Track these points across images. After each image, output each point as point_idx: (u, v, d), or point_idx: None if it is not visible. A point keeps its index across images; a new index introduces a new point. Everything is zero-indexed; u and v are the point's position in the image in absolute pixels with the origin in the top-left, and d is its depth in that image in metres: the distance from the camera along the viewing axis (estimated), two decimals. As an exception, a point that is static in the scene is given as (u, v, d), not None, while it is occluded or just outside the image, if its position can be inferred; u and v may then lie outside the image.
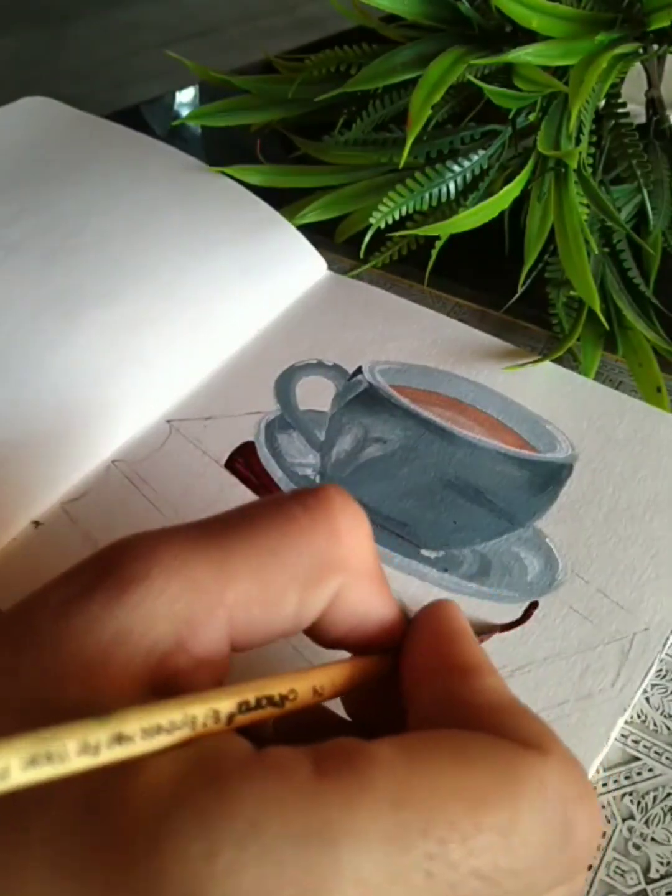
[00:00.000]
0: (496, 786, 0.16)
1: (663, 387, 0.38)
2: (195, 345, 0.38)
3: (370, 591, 0.20)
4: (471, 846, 0.15)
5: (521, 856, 0.16)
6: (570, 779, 0.17)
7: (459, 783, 0.16)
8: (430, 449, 0.34)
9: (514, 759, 0.16)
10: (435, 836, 0.15)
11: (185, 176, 0.44)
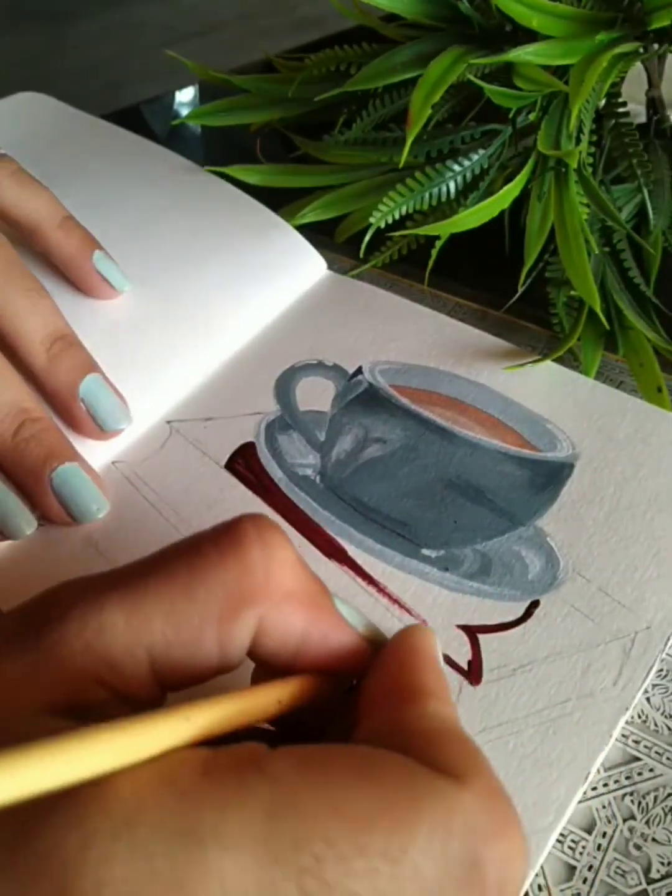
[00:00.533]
0: (392, 809, 0.15)
1: (664, 387, 0.38)
2: (195, 346, 0.38)
3: (299, 616, 0.19)
4: (349, 867, 0.15)
5: (410, 888, 0.15)
6: (488, 813, 0.16)
7: (347, 801, 0.15)
8: (430, 449, 0.34)
9: (422, 785, 0.16)
10: (308, 851, 0.15)
11: (181, 178, 0.44)
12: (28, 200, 0.36)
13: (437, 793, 0.16)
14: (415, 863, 0.15)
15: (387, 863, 0.15)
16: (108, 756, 0.15)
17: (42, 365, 0.33)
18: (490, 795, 0.16)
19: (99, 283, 0.38)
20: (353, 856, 0.15)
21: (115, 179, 0.44)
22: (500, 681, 0.28)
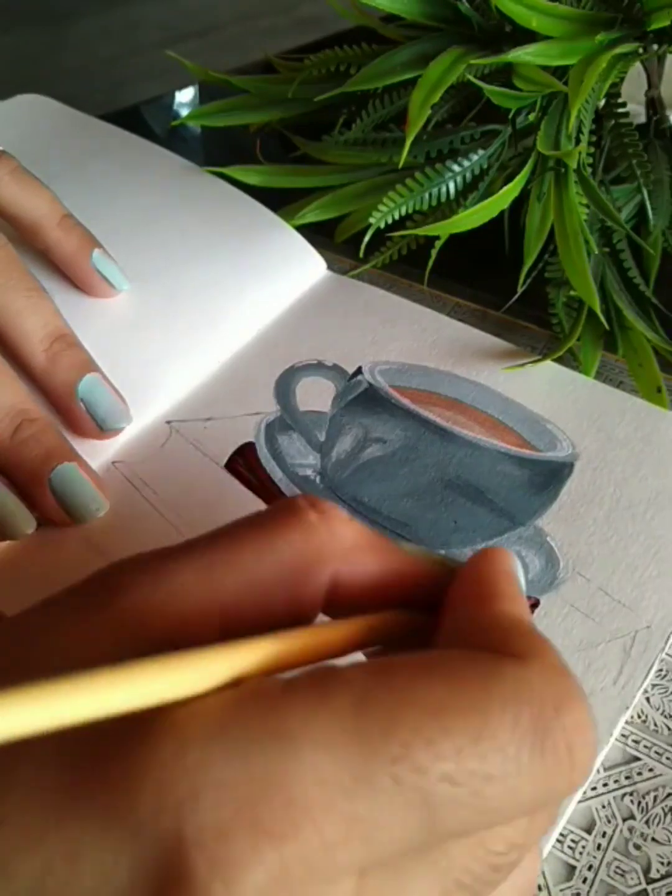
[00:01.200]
0: (464, 692, 0.16)
1: (663, 387, 0.38)
2: (195, 346, 0.38)
3: (369, 561, 0.20)
4: (437, 750, 0.15)
5: (494, 759, 0.15)
6: (552, 686, 0.17)
7: (424, 691, 0.16)
8: (430, 449, 0.34)
9: (488, 667, 0.16)
10: (398, 739, 0.15)
11: (180, 179, 0.44)
12: (28, 198, 0.36)
13: (502, 672, 0.16)
14: (495, 737, 0.15)
15: (470, 740, 0.15)
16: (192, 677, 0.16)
17: (41, 365, 0.33)
18: (553, 670, 0.17)
19: (98, 282, 0.38)
20: (439, 738, 0.15)
21: (115, 180, 0.44)
22: (500, 680, 0.28)
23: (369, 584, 0.20)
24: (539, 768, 0.16)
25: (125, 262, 0.39)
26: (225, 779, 0.14)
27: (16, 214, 0.37)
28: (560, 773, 0.16)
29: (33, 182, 0.37)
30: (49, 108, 0.49)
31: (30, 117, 0.48)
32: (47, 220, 0.37)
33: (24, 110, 0.49)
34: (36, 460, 0.31)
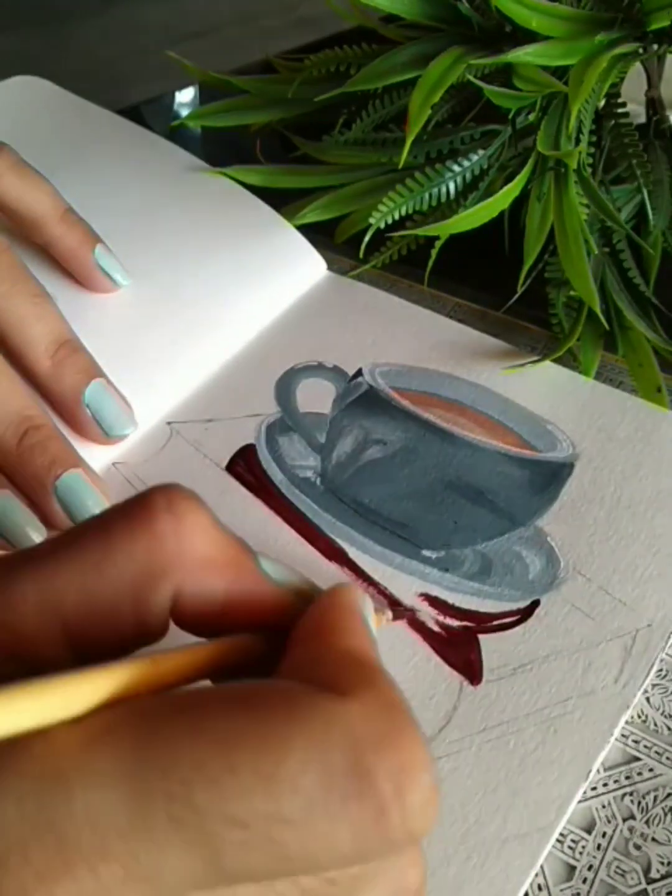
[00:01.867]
0: (263, 726, 0.15)
1: (663, 387, 0.38)
2: (195, 347, 0.38)
3: (217, 580, 0.19)
4: (220, 789, 0.14)
5: (290, 805, 0.14)
6: (375, 724, 0.15)
7: (218, 724, 0.15)
8: (430, 450, 0.34)
9: (299, 702, 0.15)
10: (176, 777, 0.14)
11: (184, 174, 0.44)
12: (29, 193, 0.36)
13: (314, 707, 0.15)
14: (292, 778, 0.14)
15: (260, 780, 0.14)
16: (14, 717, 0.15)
17: (46, 371, 0.33)
18: (379, 706, 0.16)
19: (100, 278, 0.38)
20: (222, 777, 0.14)
21: (116, 171, 0.44)
22: (500, 680, 0.29)
23: (216, 603, 0.19)
24: (356, 815, 0.15)
25: (125, 258, 0.39)
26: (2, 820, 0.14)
27: (17, 209, 0.37)
28: (386, 819, 0.15)
29: (34, 176, 0.37)
30: (47, 91, 0.48)
31: (27, 100, 0.47)
32: (49, 215, 0.37)
33: (21, 93, 0.48)
34: (41, 468, 0.31)
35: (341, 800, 0.15)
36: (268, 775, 0.14)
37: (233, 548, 0.19)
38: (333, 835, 0.15)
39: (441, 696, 0.28)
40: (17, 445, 0.31)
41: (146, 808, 0.14)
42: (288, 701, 0.15)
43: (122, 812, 0.14)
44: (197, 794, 0.14)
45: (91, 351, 0.35)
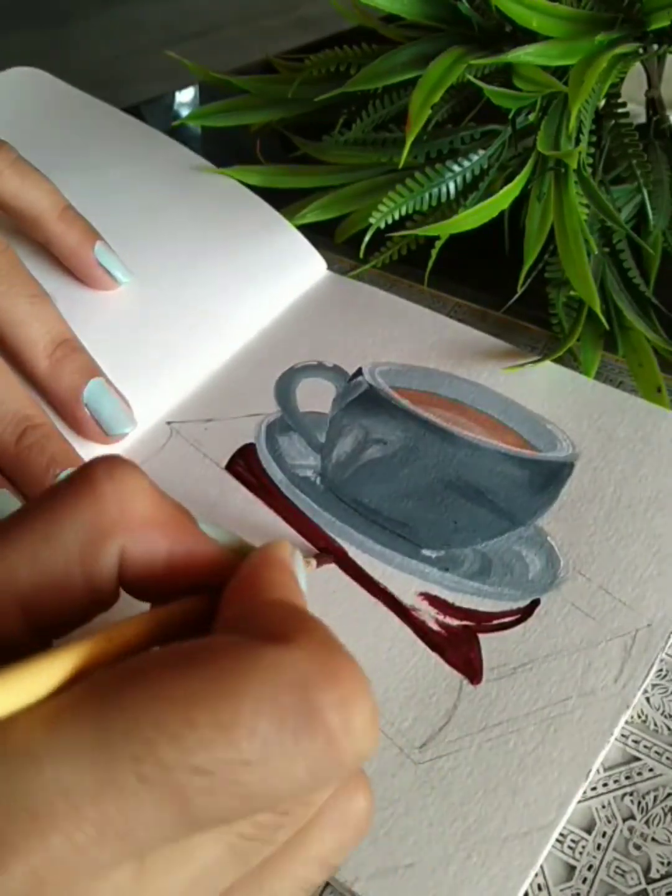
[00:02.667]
0: (215, 681, 0.16)
1: (663, 387, 0.38)
2: (195, 346, 0.38)
3: (159, 539, 0.20)
4: (183, 744, 0.15)
5: (248, 747, 0.15)
6: (317, 663, 0.16)
7: (171, 685, 0.16)
8: (430, 450, 0.34)
9: (245, 653, 0.16)
10: (139, 738, 0.15)
11: (185, 172, 0.44)
12: (28, 191, 0.36)
13: (260, 656, 0.16)
14: (248, 724, 0.15)
15: (220, 731, 0.15)
16: None
17: (45, 370, 0.33)
18: (318, 647, 0.17)
19: (100, 275, 0.38)
20: (183, 732, 0.15)
21: (116, 167, 0.44)
22: (500, 680, 0.29)
23: (160, 563, 0.20)
24: (308, 747, 0.16)
25: (125, 256, 0.38)
26: None
27: (16, 207, 0.37)
28: (335, 746, 0.16)
29: (34, 173, 0.37)
30: (46, 83, 0.48)
31: (26, 92, 0.47)
32: (48, 213, 0.37)
33: (21, 85, 0.48)
34: (39, 467, 0.31)
35: (294, 735, 0.16)
36: (226, 724, 0.15)
37: (172, 508, 0.20)
38: (290, 769, 0.16)
39: (441, 695, 0.28)
40: (16, 445, 0.31)
41: (114, 771, 0.15)
42: (233, 653, 0.16)
43: (92, 779, 0.15)
44: (161, 751, 0.15)
45: (90, 350, 0.35)
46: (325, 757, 0.16)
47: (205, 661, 0.16)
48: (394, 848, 0.25)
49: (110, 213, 0.40)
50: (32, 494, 0.31)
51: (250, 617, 0.18)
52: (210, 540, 0.21)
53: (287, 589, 0.19)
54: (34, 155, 0.37)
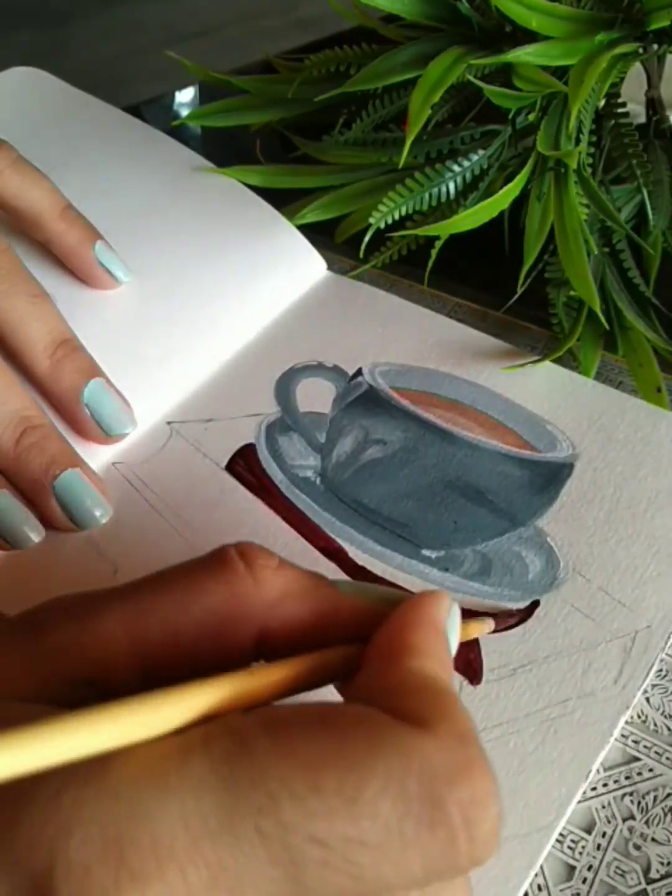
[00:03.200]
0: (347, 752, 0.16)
1: (663, 387, 0.38)
2: (195, 346, 0.38)
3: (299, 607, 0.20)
4: (305, 807, 0.15)
5: (369, 826, 0.15)
6: (450, 755, 0.16)
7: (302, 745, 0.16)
8: (430, 450, 0.34)
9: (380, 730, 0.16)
10: (264, 790, 0.15)
11: (185, 172, 0.44)
12: (28, 190, 0.36)
13: (394, 737, 0.16)
14: (372, 802, 0.15)
15: (343, 802, 0.15)
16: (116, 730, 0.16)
17: (45, 371, 0.33)
18: (454, 738, 0.16)
19: (101, 274, 0.38)
20: (307, 795, 0.15)
21: (116, 166, 0.44)
22: (500, 680, 0.29)
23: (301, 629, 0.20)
24: (427, 842, 0.15)
25: (124, 255, 0.38)
26: (95, 817, 0.14)
27: (17, 207, 0.36)
28: (455, 847, 0.16)
29: (34, 173, 0.37)
30: (47, 83, 0.48)
31: (26, 92, 0.47)
32: (49, 212, 0.37)
33: (21, 84, 0.47)
34: (39, 468, 0.31)
35: (415, 827, 0.15)
36: (350, 798, 0.15)
37: (307, 577, 0.21)
38: (406, 859, 0.15)
39: (441, 695, 0.28)
40: (16, 446, 0.31)
41: (236, 816, 0.15)
42: (369, 729, 0.16)
43: (214, 818, 0.15)
44: (283, 809, 0.15)
45: (90, 350, 0.35)
46: (442, 856, 0.16)
47: (340, 728, 0.16)
48: (394, 848, 0.25)
49: (110, 213, 0.40)
50: (32, 497, 0.31)
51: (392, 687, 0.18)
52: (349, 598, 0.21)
53: (434, 658, 0.19)
54: (34, 154, 0.37)
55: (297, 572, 0.20)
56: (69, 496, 0.31)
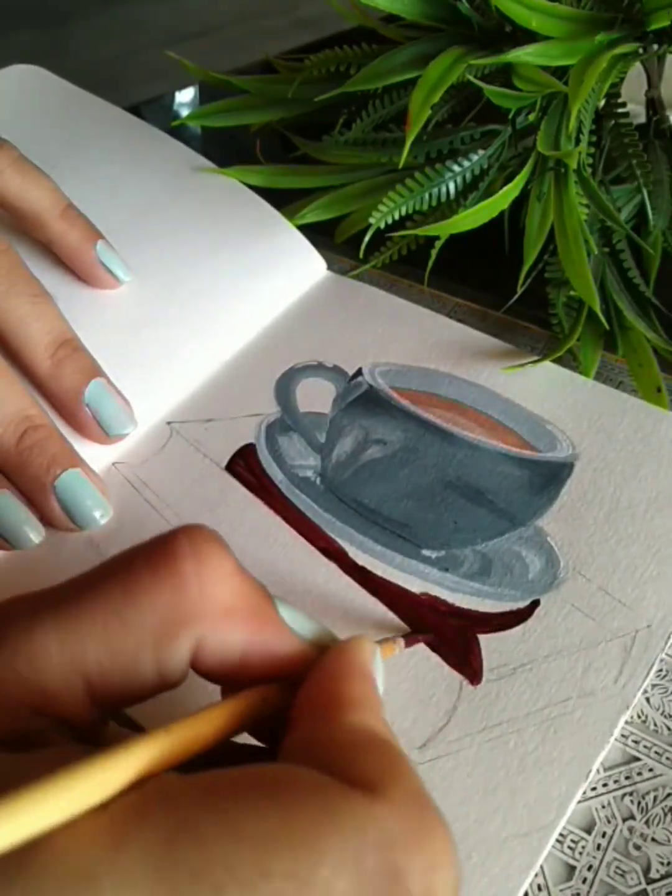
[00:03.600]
0: (297, 828, 0.14)
1: (663, 387, 0.38)
2: (195, 346, 0.38)
3: (238, 630, 0.19)
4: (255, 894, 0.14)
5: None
6: (406, 823, 0.15)
7: (249, 823, 0.14)
8: (430, 450, 0.34)
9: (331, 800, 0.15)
10: (208, 882, 0.14)
11: (185, 172, 0.44)
12: (29, 190, 0.36)
13: (347, 807, 0.15)
14: (327, 882, 0.14)
15: (295, 885, 0.14)
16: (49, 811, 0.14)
17: (46, 370, 0.33)
18: (409, 804, 0.16)
19: (102, 274, 0.38)
20: (256, 881, 0.14)
21: (116, 165, 0.44)
22: (500, 680, 0.29)
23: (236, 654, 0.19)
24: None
25: (125, 256, 0.38)
26: None
27: (18, 206, 0.37)
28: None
29: (35, 172, 0.37)
30: (47, 81, 0.48)
31: (27, 90, 0.47)
32: (50, 211, 0.37)
33: (21, 82, 0.47)
34: (40, 468, 0.31)
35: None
36: (302, 880, 0.14)
37: (254, 596, 0.19)
38: None
39: (441, 695, 0.28)
40: (17, 445, 0.31)
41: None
42: (318, 799, 0.15)
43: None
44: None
45: (91, 350, 0.35)
46: None
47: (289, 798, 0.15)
48: (394, 848, 0.25)
49: (110, 213, 0.40)
50: (33, 496, 0.31)
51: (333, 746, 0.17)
52: (288, 632, 0.20)
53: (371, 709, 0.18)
54: (35, 153, 0.37)
55: (247, 584, 0.19)
56: (70, 496, 0.31)
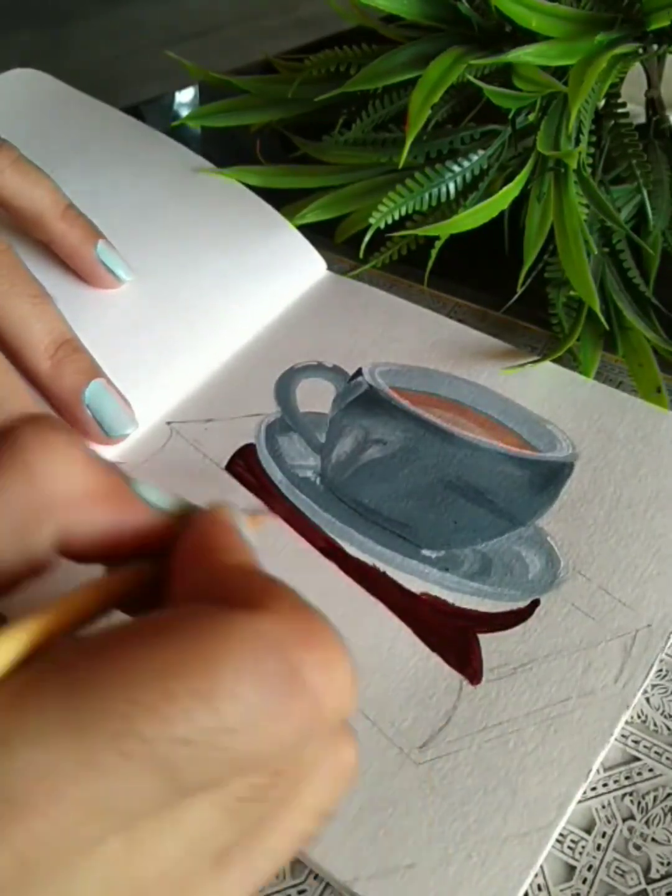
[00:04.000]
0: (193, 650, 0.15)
1: (663, 387, 0.38)
2: (195, 346, 0.38)
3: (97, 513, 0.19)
4: (162, 716, 0.15)
5: (232, 712, 0.15)
6: (293, 626, 0.16)
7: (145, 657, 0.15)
8: (430, 450, 0.34)
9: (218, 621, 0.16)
10: (115, 714, 0.15)
11: (185, 172, 0.44)
12: (30, 190, 0.36)
13: (235, 622, 0.16)
14: (229, 690, 0.15)
15: (200, 700, 0.15)
16: None
17: (46, 371, 0.33)
18: (293, 612, 0.16)
19: (103, 274, 0.38)
20: (162, 704, 0.15)
21: (116, 167, 0.44)
22: (500, 680, 0.29)
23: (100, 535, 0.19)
24: (294, 709, 0.16)
25: (125, 256, 0.38)
26: None
27: (18, 206, 0.37)
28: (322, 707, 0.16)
29: (35, 172, 0.37)
30: (46, 84, 0.48)
31: (26, 93, 0.47)
32: (50, 211, 0.37)
33: (21, 85, 0.48)
34: None
35: (279, 698, 0.16)
36: (206, 693, 0.15)
37: (108, 478, 0.20)
38: (277, 731, 0.16)
39: (441, 695, 0.28)
40: None
41: (93, 751, 0.14)
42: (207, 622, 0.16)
43: (71, 760, 0.14)
44: (140, 726, 0.15)
45: (91, 350, 0.35)
46: (310, 717, 0.16)
47: (178, 631, 0.16)
48: (394, 848, 0.25)
49: (110, 214, 0.40)
50: None
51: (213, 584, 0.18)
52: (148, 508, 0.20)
53: (242, 552, 0.19)
54: (35, 156, 0.37)
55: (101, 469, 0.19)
56: None
